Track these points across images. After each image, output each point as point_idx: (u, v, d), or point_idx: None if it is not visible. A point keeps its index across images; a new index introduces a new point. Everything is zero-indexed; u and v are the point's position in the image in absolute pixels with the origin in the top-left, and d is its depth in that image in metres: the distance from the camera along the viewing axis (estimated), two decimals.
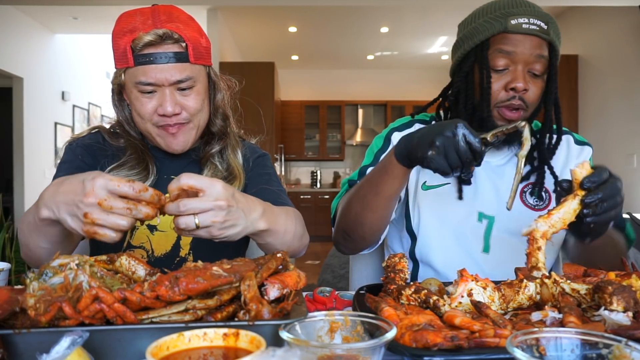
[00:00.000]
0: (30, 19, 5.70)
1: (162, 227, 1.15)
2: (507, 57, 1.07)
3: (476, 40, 1.11)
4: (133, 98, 1.09)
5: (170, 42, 1.04)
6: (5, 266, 0.92)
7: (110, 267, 0.78)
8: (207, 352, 0.52)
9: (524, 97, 1.07)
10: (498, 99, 1.08)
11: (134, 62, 1.04)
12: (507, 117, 1.08)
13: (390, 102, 8.56)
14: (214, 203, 0.74)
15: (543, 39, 1.06)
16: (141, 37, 1.02)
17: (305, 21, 6.31)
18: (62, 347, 0.50)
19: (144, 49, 1.03)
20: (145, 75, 1.04)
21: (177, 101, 1.07)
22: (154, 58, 1.03)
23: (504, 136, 0.91)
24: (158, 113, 1.07)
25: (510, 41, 1.06)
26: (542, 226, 0.82)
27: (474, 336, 0.60)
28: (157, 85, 1.05)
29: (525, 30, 1.05)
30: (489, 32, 1.08)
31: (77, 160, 1.14)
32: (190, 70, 1.07)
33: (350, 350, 0.53)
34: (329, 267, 2.71)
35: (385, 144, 1.24)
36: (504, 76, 1.08)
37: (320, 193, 8.25)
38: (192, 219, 0.74)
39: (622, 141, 4.99)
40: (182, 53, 1.06)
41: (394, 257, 0.88)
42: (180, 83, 1.06)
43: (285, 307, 0.66)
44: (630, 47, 4.87)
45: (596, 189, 0.81)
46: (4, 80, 5.56)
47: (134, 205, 0.71)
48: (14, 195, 5.60)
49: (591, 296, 0.70)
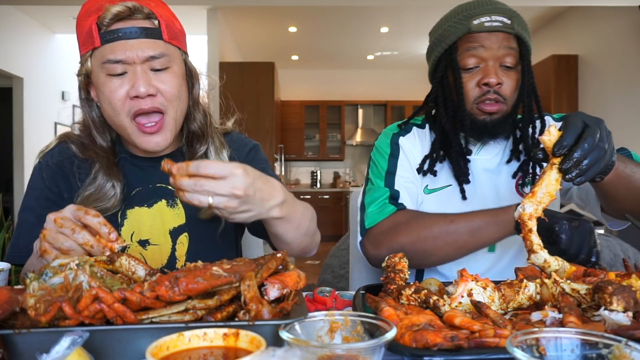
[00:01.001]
0: (30, 19, 5.70)
1: (155, 240, 1.10)
2: (476, 55, 1.10)
3: (444, 45, 1.14)
4: (101, 84, 0.96)
5: (140, 16, 0.95)
6: (5, 266, 0.92)
7: (110, 268, 0.78)
8: (207, 352, 0.52)
9: (500, 91, 1.10)
10: (474, 96, 1.11)
11: (100, 41, 0.94)
12: (487, 110, 1.11)
13: (390, 102, 8.56)
14: (231, 191, 0.72)
15: (508, 33, 1.09)
16: (108, 8, 0.92)
17: (305, 21, 6.31)
18: (62, 347, 0.50)
19: (111, 24, 0.93)
20: (113, 53, 0.93)
21: (151, 82, 0.96)
22: (123, 33, 0.93)
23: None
24: (130, 96, 0.95)
25: (476, 40, 1.10)
26: (529, 207, 0.81)
27: (474, 336, 0.60)
28: (128, 64, 0.94)
29: (489, 28, 1.08)
30: (455, 35, 1.12)
31: (45, 188, 1.07)
32: (164, 48, 0.97)
33: (350, 350, 0.53)
34: (329, 267, 2.71)
35: (395, 149, 1.22)
36: (476, 74, 1.11)
37: (320, 193, 8.24)
38: (206, 198, 0.72)
39: (622, 141, 4.95)
40: (154, 29, 0.96)
41: (394, 257, 0.88)
42: (153, 60, 0.95)
43: (285, 307, 0.66)
44: (630, 47, 4.87)
45: (570, 152, 0.78)
46: (4, 80, 5.57)
47: (80, 229, 0.75)
48: (14, 195, 5.60)
49: (591, 296, 0.70)
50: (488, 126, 1.12)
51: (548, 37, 6.36)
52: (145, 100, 0.96)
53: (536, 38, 6.50)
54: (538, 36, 6.51)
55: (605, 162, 0.82)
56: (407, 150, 1.22)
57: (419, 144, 1.24)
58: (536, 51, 6.19)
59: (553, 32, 6.27)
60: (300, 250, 1.05)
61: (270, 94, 6.37)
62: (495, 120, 1.12)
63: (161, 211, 1.11)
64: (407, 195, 1.17)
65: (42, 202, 1.06)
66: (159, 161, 0.86)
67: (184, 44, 1.05)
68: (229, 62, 6.19)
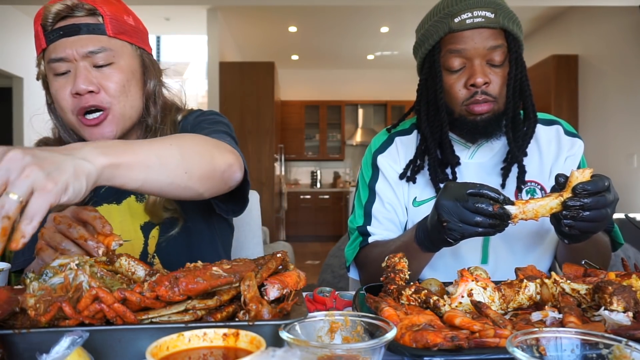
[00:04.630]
0: (30, 19, 5.69)
1: (126, 236, 1.06)
2: (460, 55, 1.05)
3: (427, 46, 1.10)
4: (50, 85, 0.98)
5: (81, 13, 0.95)
6: (5, 266, 0.92)
7: (110, 268, 0.78)
8: (207, 352, 0.52)
9: (488, 91, 1.05)
10: (463, 98, 1.07)
11: (45, 42, 0.95)
12: (476, 112, 1.06)
13: (390, 102, 8.57)
14: (11, 165, 0.54)
15: (493, 28, 1.04)
16: (48, 8, 0.93)
17: (305, 21, 6.31)
18: (62, 347, 0.50)
19: (54, 24, 0.95)
20: (55, 51, 0.94)
21: (92, 79, 0.95)
22: (64, 32, 0.94)
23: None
24: (72, 93, 0.95)
25: (459, 39, 1.05)
26: (512, 209, 0.81)
27: (474, 336, 0.60)
28: (69, 61, 0.95)
29: (471, 25, 1.03)
30: (437, 35, 1.07)
31: None
32: (106, 43, 0.96)
33: (350, 350, 0.53)
34: (329, 267, 2.71)
35: (375, 171, 1.22)
36: (462, 75, 1.06)
37: (320, 193, 8.25)
38: (6, 197, 0.53)
39: (622, 141, 4.99)
40: (97, 25, 0.96)
41: (393, 257, 0.88)
42: (94, 55, 0.95)
43: (285, 307, 0.66)
44: (630, 47, 4.87)
45: (584, 196, 0.79)
46: (4, 80, 5.57)
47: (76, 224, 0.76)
48: None
49: (591, 296, 0.70)
50: (479, 126, 1.08)
51: (548, 37, 6.35)
52: (86, 98, 0.96)
53: (536, 38, 6.50)
54: (538, 36, 6.51)
55: (597, 226, 0.82)
56: (385, 170, 1.20)
57: (401, 156, 1.21)
58: (536, 51, 6.20)
59: (553, 32, 6.27)
60: (200, 190, 0.83)
61: (270, 94, 6.37)
62: (486, 120, 1.07)
63: (130, 207, 1.09)
64: (378, 224, 1.18)
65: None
66: None
67: (137, 39, 1.03)
68: (229, 62, 6.19)
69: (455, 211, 0.83)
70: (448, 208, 0.84)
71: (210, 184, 0.83)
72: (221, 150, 0.86)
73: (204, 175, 0.81)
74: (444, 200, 0.85)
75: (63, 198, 0.57)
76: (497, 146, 1.17)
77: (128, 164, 0.68)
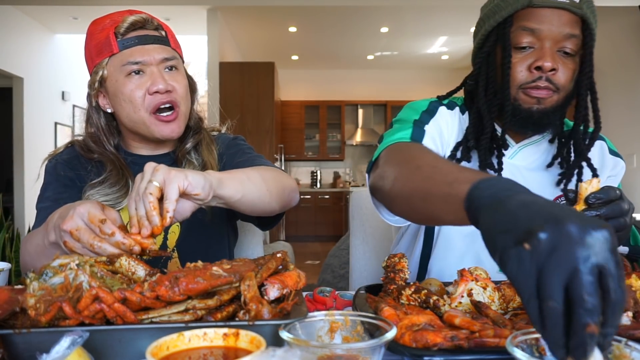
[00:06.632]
0: (30, 19, 5.70)
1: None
2: (532, 34, 0.96)
3: (498, 18, 0.99)
4: (120, 85, 1.08)
5: (150, 27, 1.11)
6: (5, 266, 0.92)
7: (110, 268, 0.78)
8: (207, 352, 0.52)
9: (553, 79, 0.96)
10: (522, 80, 0.97)
11: (118, 48, 1.07)
12: (534, 95, 0.97)
13: (390, 102, 8.57)
14: (153, 170, 0.77)
15: (574, 13, 0.94)
16: (126, 19, 1.07)
17: (305, 21, 6.31)
18: (62, 347, 0.50)
19: (127, 33, 1.07)
20: (132, 56, 1.07)
21: (167, 80, 1.09)
22: (139, 40, 1.08)
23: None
24: (149, 92, 1.08)
25: (536, 17, 0.95)
26: None
27: (474, 336, 0.60)
28: (145, 65, 1.08)
29: (553, 4, 0.93)
30: (512, 7, 0.97)
31: (61, 177, 1.16)
32: (172, 53, 1.12)
33: (350, 350, 0.53)
34: (329, 267, 2.71)
35: (432, 109, 1.08)
36: (529, 55, 0.97)
37: (320, 193, 8.24)
38: (149, 184, 0.76)
39: (622, 141, 4.99)
40: (163, 38, 1.12)
41: (393, 257, 0.88)
42: (167, 61, 1.10)
43: (285, 307, 0.66)
44: (630, 47, 4.87)
45: (598, 207, 0.77)
46: (4, 80, 5.57)
47: (100, 242, 0.76)
48: (14, 195, 5.60)
49: None
50: (534, 115, 0.98)
51: None
52: (163, 95, 1.09)
53: None
54: None
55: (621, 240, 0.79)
56: (443, 120, 1.07)
57: (456, 125, 1.10)
58: None
59: None
60: (271, 208, 1.00)
61: (270, 94, 6.37)
62: (542, 110, 0.97)
63: None
64: (431, 143, 1.02)
65: (59, 188, 1.14)
66: (155, 159, 0.99)
67: (182, 55, 1.20)
68: (229, 62, 6.19)
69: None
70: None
71: (282, 202, 1.02)
72: (284, 176, 1.07)
73: (279, 194, 1.00)
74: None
75: (184, 183, 0.76)
76: (542, 147, 1.10)
77: (230, 177, 0.87)
